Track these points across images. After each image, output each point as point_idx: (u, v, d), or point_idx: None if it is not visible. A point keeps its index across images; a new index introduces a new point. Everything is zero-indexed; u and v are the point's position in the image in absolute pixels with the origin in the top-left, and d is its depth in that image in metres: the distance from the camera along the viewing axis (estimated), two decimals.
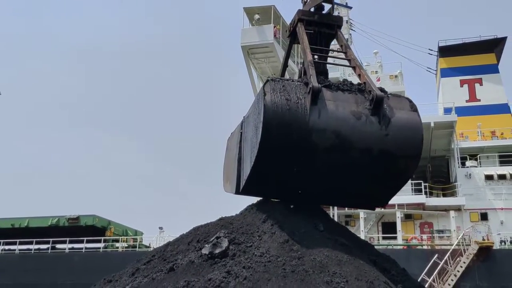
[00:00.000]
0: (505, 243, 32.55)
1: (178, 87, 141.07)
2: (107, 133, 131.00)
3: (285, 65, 16.91)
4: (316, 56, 14.43)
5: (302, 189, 13.62)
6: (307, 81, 12.91)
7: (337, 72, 42.64)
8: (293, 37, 15.60)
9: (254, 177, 13.27)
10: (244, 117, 15.30)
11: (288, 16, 46.15)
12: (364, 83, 13.40)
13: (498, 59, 46.73)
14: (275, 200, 14.27)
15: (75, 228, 39.35)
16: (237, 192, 14.80)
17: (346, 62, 15.02)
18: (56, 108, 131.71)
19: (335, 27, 15.01)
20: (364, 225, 35.89)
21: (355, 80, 14.26)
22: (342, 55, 15.11)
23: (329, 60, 15.48)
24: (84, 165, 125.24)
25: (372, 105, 12.80)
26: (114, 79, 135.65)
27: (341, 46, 14.95)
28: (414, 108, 13.44)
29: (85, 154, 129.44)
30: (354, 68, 14.37)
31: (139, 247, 38.62)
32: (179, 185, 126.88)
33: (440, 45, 47.36)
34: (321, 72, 14.34)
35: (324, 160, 12.71)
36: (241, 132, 15.22)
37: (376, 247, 17.04)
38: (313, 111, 12.42)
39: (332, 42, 15.55)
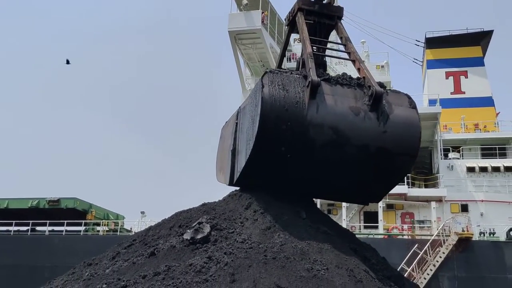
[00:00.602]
0: (484, 235, 32.99)
1: (161, 70, 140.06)
2: (89, 115, 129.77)
3: (283, 56, 16.56)
4: (315, 48, 14.14)
5: (297, 184, 13.50)
6: (306, 74, 12.68)
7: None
8: (291, 27, 15.25)
9: (248, 170, 13.15)
10: (240, 107, 15.09)
11: (277, 3, 45.88)
12: (364, 77, 13.23)
13: (484, 52, 47.04)
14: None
15: (56, 211, 38.97)
16: (231, 183, 14.68)
17: (345, 55, 14.71)
18: (36, 90, 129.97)
19: (335, 18, 14.67)
20: (346, 214, 36.16)
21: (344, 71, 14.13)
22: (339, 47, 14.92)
23: (329, 52, 15.26)
24: (65, 147, 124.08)
25: (371, 101, 12.65)
26: (98, 61, 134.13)
27: (341, 38, 14.65)
28: (413, 105, 13.31)
29: (67, 135, 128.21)
30: (353, 61, 14.13)
31: (120, 231, 38.46)
32: (162, 170, 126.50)
33: (427, 36, 47.52)
34: (320, 64, 14.13)
35: (320, 155, 12.58)
36: (237, 123, 15.04)
37: (357, 236, 17.18)
38: (311, 106, 12.23)
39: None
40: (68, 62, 37.60)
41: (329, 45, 15.25)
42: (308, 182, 13.51)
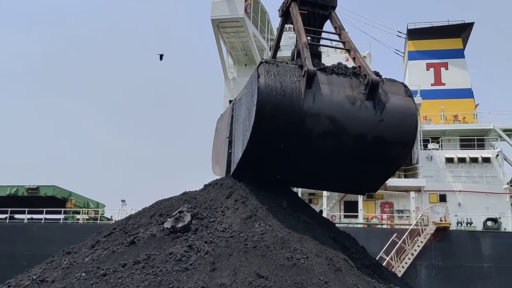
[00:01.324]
0: (461, 225, 33.49)
1: (142, 57, 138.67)
2: (68, 101, 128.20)
3: (277, 46, 16.43)
4: (309, 38, 14.07)
5: (294, 174, 13.48)
6: (301, 64, 12.62)
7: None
8: (285, 17, 15.16)
9: (245, 161, 13.07)
10: (235, 99, 14.97)
11: None
12: (359, 66, 13.19)
13: (465, 44, 47.42)
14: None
15: (35, 199, 38.49)
16: (227, 176, 14.57)
17: (339, 44, 14.74)
18: (11, 74, 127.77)
19: (329, 7, 14.64)
20: (327, 203, 36.40)
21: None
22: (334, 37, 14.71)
23: (324, 42, 15.14)
24: (45, 134, 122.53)
25: (367, 90, 12.63)
26: (74, 45, 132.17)
27: (335, 28, 14.59)
28: (408, 94, 13.33)
29: (46, 123, 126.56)
30: (348, 51, 14.08)
31: (100, 220, 38.20)
32: (143, 158, 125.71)
33: (409, 27, 47.76)
34: (315, 54, 14.02)
35: (317, 145, 12.56)
36: (232, 115, 14.92)
37: (337, 225, 17.31)
38: (307, 95, 12.18)
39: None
40: (161, 57, 36.08)
41: (324, 35, 15.13)
42: (305, 173, 13.48)
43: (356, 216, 35.59)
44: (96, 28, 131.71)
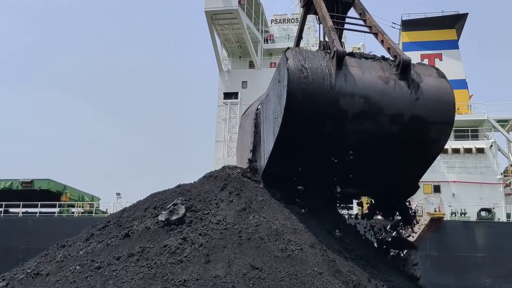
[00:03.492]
0: (455, 215, 33.71)
1: (137, 51, 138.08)
2: (63, 95, 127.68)
3: (299, 38, 16.08)
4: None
5: (329, 165, 12.49)
6: (328, 52, 12.27)
7: None
8: (307, 7, 14.80)
9: (278, 151, 12.35)
10: (261, 99, 14.59)
11: None
12: (389, 48, 12.91)
13: (459, 35, 47.47)
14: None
15: (29, 192, 38.44)
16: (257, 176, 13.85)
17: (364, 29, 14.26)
18: (6, 67, 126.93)
19: None
20: None
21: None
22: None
23: (348, 28, 14.64)
24: (39, 128, 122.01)
25: (399, 70, 12.23)
26: (69, 37, 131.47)
27: (360, 13, 14.24)
28: (442, 75, 12.94)
29: (41, 117, 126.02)
30: (375, 34, 13.71)
31: (95, 213, 38.22)
32: (138, 151, 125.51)
33: (403, 19, 47.73)
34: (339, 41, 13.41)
35: (352, 127, 11.94)
36: (255, 122, 14.61)
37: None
38: (338, 76, 11.69)
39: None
40: None
41: (348, 21, 14.68)
42: (340, 168, 12.44)
43: (351, 208, 35.69)
44: (87, 16, 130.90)
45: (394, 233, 13.99)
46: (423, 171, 13.74)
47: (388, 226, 14.47)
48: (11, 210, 39.01)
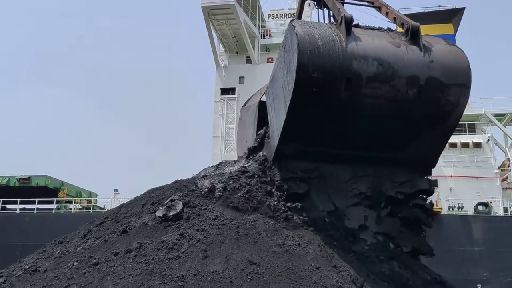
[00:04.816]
0: (452, 209, 33.80)
1: (134, 47, 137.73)
2: (60, 91, 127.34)
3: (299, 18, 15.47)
4: None
5: (343, 141, 12.21)
6: (334, 23, 12.05)
7: None
8: None
9: (292, 120, 11.71)
10: (264, 89, 14.36)
11: None
12: (394, 18, 12.76)
13: (456, 30, 47.45)
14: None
15: (27, 189, 38.38)
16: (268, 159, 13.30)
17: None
18: (4, 65, 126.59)
19: None
20: None
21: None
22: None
23: (350, 2, 14.18)
24: (36, 124, 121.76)
25: (409, 36, 12.09)
26: (66, 32, 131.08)
27: None
28: (451, 44, 12.75)
29: (38, 112, 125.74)
30: (379, 8, 13.52)
31: (93, 209, 38.18)
32: (135, 147, 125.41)
33: None
34: None
35: (368, 92, 11.54)
36: (256, 114, 14.43)
37: None
38: (349, 40, 11.41)
39: None
40: None
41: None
42: (356, 139, 12.18)
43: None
44: (84, 15, 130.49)
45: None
46: (444, 142, 13.32)
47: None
48: (9, 206, 38.97)
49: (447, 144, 37.87)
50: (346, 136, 12.20)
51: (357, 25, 12.24)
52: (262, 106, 14.84)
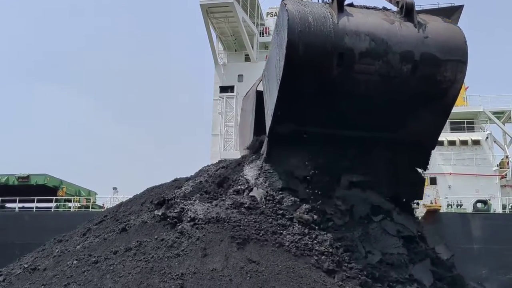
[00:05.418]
0: (451, 207, 33.76)
1: (133, 45, 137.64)
2: (59, 89, 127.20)
3: None
4: None
5: (337, 120, 12.04)
6: (327, 1, 11.97)
7: None
8: None
9: (284, 96, 11.55)
10: (263, 73, 14.33)
11: None
12: None
13: None
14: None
15: (25, 187, 38.31)
16: (257, 151, 13.35)
17: None
18: (3, 64, 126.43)
19: None
20: None
21: None
22: None
23: None
24: (35, 122, 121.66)
25: (403, 14, 11.91)
26: (65, 32, 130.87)
27: None
28: (447, 21, 12.60)
29: (37, 111, 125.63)
30: None
31: (92, 208, 38.11)
32: (135, 146, 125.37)
33: None
34: None
35: (361, 69, 11.40)
36: (254, 103, 14.40)
37: None
38: (341, 17, 11.32)
39: None
40: None
41: None
42: (350, 117, 11.98)
43: None
44: (84, 15, 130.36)
45: None
46: (442, 121, 12.95)
47: None
48: (8, 205, 38.89)
49: (446, 142, 38.08)
50: (341, 115, 11.99)
51: (351, 5, 12.19)
52: (260, 94, 14.84)
